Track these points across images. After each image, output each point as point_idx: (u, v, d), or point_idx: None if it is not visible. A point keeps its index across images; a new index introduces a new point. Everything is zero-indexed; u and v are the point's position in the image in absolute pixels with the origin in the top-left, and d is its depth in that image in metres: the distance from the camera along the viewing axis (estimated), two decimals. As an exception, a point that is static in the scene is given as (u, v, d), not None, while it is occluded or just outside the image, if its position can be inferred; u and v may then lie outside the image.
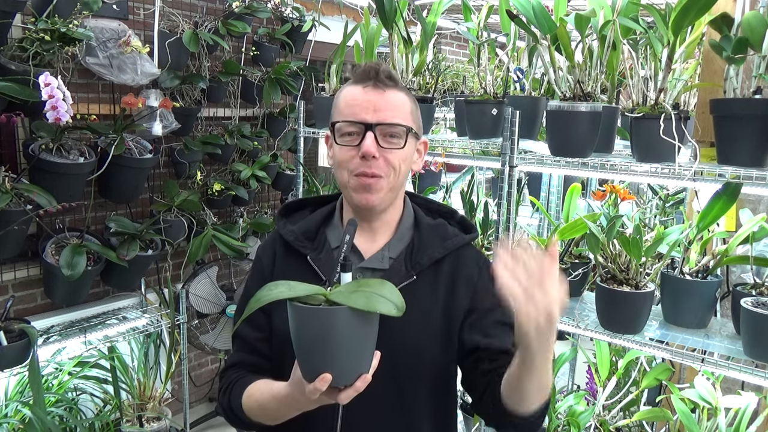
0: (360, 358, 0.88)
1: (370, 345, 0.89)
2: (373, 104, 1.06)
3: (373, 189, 1.07)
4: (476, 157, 2.67)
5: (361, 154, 1.05)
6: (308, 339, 0.86)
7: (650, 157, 1.56)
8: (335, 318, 0.83)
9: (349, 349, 0.86)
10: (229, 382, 1.13)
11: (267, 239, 1.24)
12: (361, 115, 1.06)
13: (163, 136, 2.69)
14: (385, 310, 0.83)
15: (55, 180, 2.22)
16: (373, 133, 1.05)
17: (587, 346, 2.46)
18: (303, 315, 0.85)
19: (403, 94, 1.10)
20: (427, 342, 1.12)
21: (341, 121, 1.08)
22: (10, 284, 2.47)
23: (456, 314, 1.14)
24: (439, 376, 1.14)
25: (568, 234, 1.87)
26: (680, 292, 1.65)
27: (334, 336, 0.84)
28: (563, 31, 1.63)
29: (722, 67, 1.46)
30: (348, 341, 0.85)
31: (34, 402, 2.05)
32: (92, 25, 2.42)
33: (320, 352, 0.86)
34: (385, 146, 1.07)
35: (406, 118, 1.09)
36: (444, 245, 1.15)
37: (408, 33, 2.07)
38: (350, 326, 0.84)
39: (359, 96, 1.08)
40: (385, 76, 1.08)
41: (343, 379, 0.87)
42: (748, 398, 1.70)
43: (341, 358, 0.86)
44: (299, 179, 2.74)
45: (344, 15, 3.34)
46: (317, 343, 0.85)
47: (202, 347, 3.06)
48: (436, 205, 1.26)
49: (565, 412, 2.09)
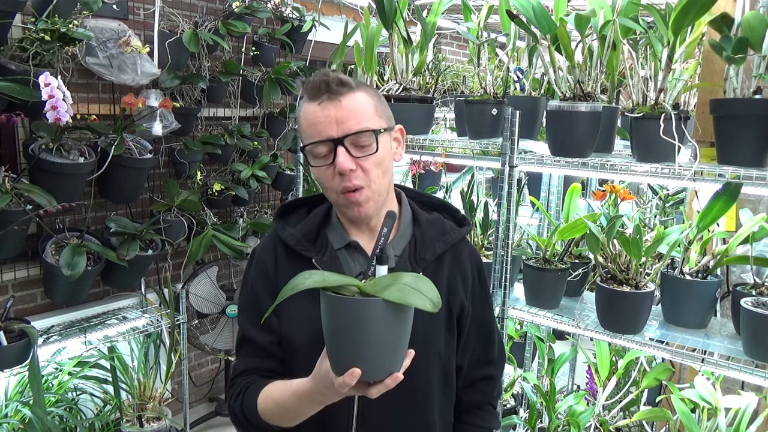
0: (391, 354, 0.86)
1: (404, 342, 0.87)
2: (333, 117, 1.03)
3: (362, 201, 1.06)
4: (476, 157, 2.67)
5: (338, 171, 1.03)
6: (340, 331, 0.84)
7: (650, 157, 1.56)
8: (369, 309, 0.82)
9: (381, 343, 0.84)
10: (243, 387, 1.11)
11: (265, 241, 1.21)
12: (326, 132, 1.03)
13: (163, 136, 2.69)
14: (419, 304, 0.81)
15: (55, 180, 2.22)
16: (344, 146, 1.03)
17: (587, 346, 2.46)
18: (336, 305, 0.83)
19: (360, 93, 1.06)
20: (434, 334, 1.14)
21: (309, 143, 1.05)
22: (10, 284, 2.47)
23: (455, 307, 1.16)
24: (444, 366, 1.17)
25: (568, 234, 1.87)
26: (680, 292, 1.65)
27: (365, 328, 0.82)
28: (563, 31, 1.63)
29: (722, 67, 1.46)
30: (380, 335, 0.83)
31: (34, 402, 2.05)
32: (92, 25, 2.42)
33: (351, 344, 0.84)
34: (359, 155, 1.04)
35: (372, 118, 1.05)
36: (444, 240, 1.16)
37: (408, 33, 2.07)
38: (383, 320, 0.82)
39: (318, 113, 1.04)
40: (336, 84, 1.03)
41: (373, 374, 0.85)
42: (748, 398, 1.70)
43: (372, 353, 0.84)
44: (299, 179, 2.74)
45: (344, 15, 3.34)
46: (348, 335, 0.83)
47: (202, 347, 3.06)
48: (427, 198, 1.26)
49: (565, 412, 2.09)
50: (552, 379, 2.20)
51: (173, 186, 2.84)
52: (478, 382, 1.25)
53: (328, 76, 1.03)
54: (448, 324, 1.16)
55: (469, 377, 1.24)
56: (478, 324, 1.22)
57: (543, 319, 1.86)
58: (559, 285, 1.88)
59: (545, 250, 1.94)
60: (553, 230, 1.93)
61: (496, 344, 1.27)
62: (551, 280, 1.87)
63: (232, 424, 2.83)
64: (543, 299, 1.89)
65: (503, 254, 1.90)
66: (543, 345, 2.41)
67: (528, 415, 2.18)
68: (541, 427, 2.19)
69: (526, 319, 1.94)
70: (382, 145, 1.06)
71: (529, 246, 2.18)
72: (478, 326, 1.22)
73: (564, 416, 2.08)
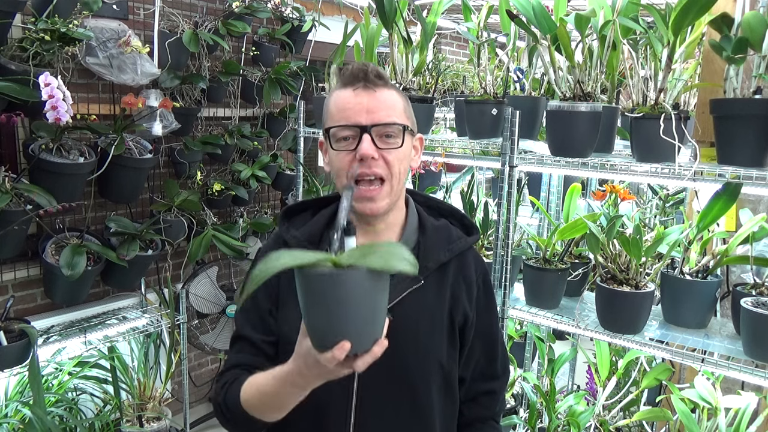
0: (375, 322, 0.85)
1: (383, 308, 0.87)
2: (365, 106, 1.04)
3: (375, 198, 1.06)
4: (476, 157, 2.66)
5: (359, 156, 1.03)
6: (321, 307, 0.82)
7: (650, 157, 1.56)
8: (352, 281, 0.80)
9: (366, 313, 0.83)
10: (229, 380, 1.10)
11: (269, 243, 1.21)
12: (355, 118, 1.04)
13: (163, 136, 2.69)
14: (402, 267, 0.79)
15: (55, 180, 2.22)
16: (369, 135, 1.04)
17: (587, 346, 2.46)
18: (318, 282, 0.81)
19: (393, 92, 1.09)
20: (436, 343, 1.12)
21: (335, 126, 1.06)
22: (10, 284, 2.46)
23: (458, 317, 1.14)
24: (446, 377, 1.15)
25: (568, 234, 1.87)
26: (680, 292, 1.65)
27: (350, 301, 0.81)
28: (563, 31, 1.63)
29: (722, 67, 1.46)
30: (364, 305, 0.82)
31: (34, 402, 2.05)
32: (92, 25, 2.42)
33: (335, 319, 0.83)
34: (383, 147, 1.05)
35: (400, 115, 1.07)
36: (449, 248, 1.14)
37: (408, 33, 2.07)
38: (365, 289, 0.82)
39: (350, 99, 1.05)
40: (374, 75, 1.06)
41: (360, 345, 0.84)
42: (748, 398, 1.70)
43: (358, 324, 0.83)
44: (299, 179, 2.74)
45: (344, 15, 3.34)
46: (332, 310, 0.82)
47: (202, 347, 3.07)
48: (436, 203, 1.24)
49: (565, 412, 2.09)
50: (552, 379, 2.20)
51: (173, 186, 2.84)
52: (481, 397, 1.23)
53: (368, 66, 1.06)
54: (451, 334, 1.14)
55: (472, 391, 1.21)
56: (482, 336, 1.19)
57: (543, 319, 1.86)
58: (559, 285, 1.88)
59: (545, 250, 1.94)
60: (553, 230, 1.93)
61: (500, 358, 1.24)
62: (551, 280, 1.87)
63: (232, 424, 2.72)
64: (543, 299, 1.89)
65: (503, 254, 1.90)
66: (543, 345, 2.41)
67: (528, 415, 2.18)
68: (541, 427, 2.19)
69: (526, 319, 1.94)
70: (406, 143, 1.08)
71: (529, 246, 2.18)
72: (482, 338, 1.19)
73: (564, 416, 2.08)
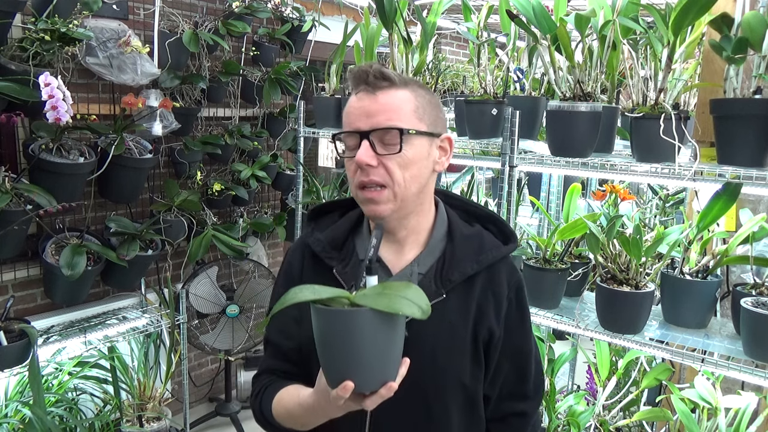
0: (384, 364, 0.84)
1: (396, 351, 0.85)
2: (365, 110, 1.00)
3: (378, 200, 1.02)
4: (476, 157, 2.66)
5: (355, 164, 1.00)
6: (331, 343, 0.83)
7: (650, 157, 1.56)
8: (357, 320, 0.80)
9: (373, 353, 0.82)
10: (261, 387, 1.12)
11: (296, 243, 1.19)
12: (355, 123, 1.01)
13: (163, 136, 2.69)
14: (408, 311, 0.79)
15: (55, 180, 2.22)
16: (368, 140, 0.99)
17: (587, 346, 2.46)
18: (325, 318, 0.82)
19: (403, 91, 1.02)
20: (456, 360, 1.07)
21: (339, 133, 1.04)
22: (10, 284, 2.47)
23: (482, 333, 1.08)
24: (468, 396, 1.10)
25: (568, 234, 1.87)
26: (680, 292, 1.65)
27: (356, 340, 0.81)
28: (563, 31, 1.63)
29: (722, 67, 1.46)
30: (371, 345, 0.82)
31: (34, 402, 2.05)
32: (92, 25, 2.42)
33: (343, 357, 0.83)
34: (382, 153, 1.00)
35: (406, 117, 1.00)
36: (478, 260, 1.07)
37: (408, 33, 2.07)
38: (373, 329, 0.81)
39: (354, 103, 1.03)
40: (376, 76, 1.00)
41: (366, 385, 0.83)
42: (748, 398, 1.70)
43: (364, 364, 0.82)
44: (299, 179, 2.74)
45: (344, 15, 3.34)
46: (340, 348, 0.82)
47: (202, 347, 3.06)
48: (474, 208, 1.17)
49: (565, 412, 2.09)
50: (552, 379, 2.20)
51: (173, 186, 2.84)
52: (510, 417, 1.16)
53: (370, 68, 1.01)
54: (474, 351, 1.07)
55: (500, 410, 1.15)
56: (511, 354, 1.12)
57: (543, 319, 1.86)
58: (559, 285, 1.88)
59: (545, 250, 1.94)
60: (553, 230, 1.93)
61: (532, 378, 1.16)
62: (551, 280, 1.87)
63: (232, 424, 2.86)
64: (543, 299, 1.89)
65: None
66: (543, 345, 2.41)
67: (528, 415, 2.17)
68: (542, 427, 2.19)
69: (526, 319, 1.94)
70: (411, 148, 1.01)
71: (529, 246, 2.18)
72: (512, 356, 1.12)
73: (564, 416, 2.08)
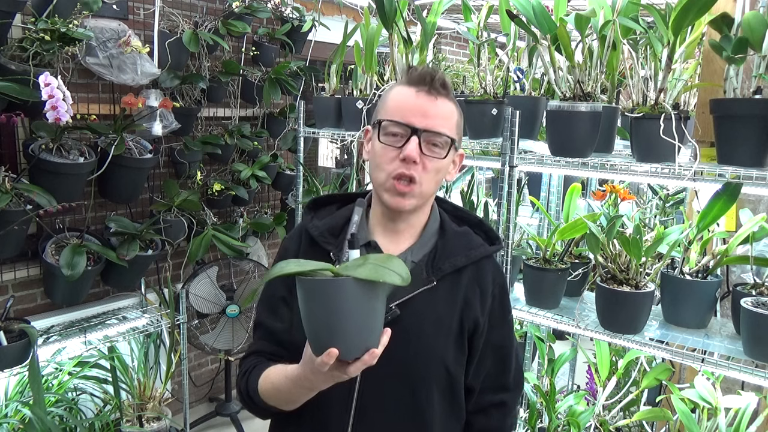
0: (367, 331, 0.88)
1: (378, 319, 0.90)
2: (423, 110, 1.07)
3: (407, 194, 1.08)
4: (476, 157, 2.66)
5: (403, 156, 1.05)
6: (316, 313, 0.87)
7: (650, 157, 1.56)
8: (340, 289, 0.84)
9: (356, 321, 0.87)
10: (249, 367, 1.15)
11: (294, 231, 1.25)
12: (410, 118, 1.06)
13: (163, 136, 2.69)
14: (389, 279, 0.84)
15: (55, 180, 2.22)
16: (419, 138, 1.06)
17: (587, 346, 2.46)
18: (310, 288, 0.86)
19: (452, 104, 1.11)
20: (442, 347, 1.13)
21: (388, 120, 1.08)
22: (10, 284, 2.46)
23: (468, 323, 1.15)
24: (450, 381, 1.15)
25: (568, 234, 1.87)
26: (680, 292, 1.65)
27: (340, 308, 0.85)
28: (563, 31, 1.63)
29: (722, 67, 1.46)
30: (354, 313, 0.86)
31: (34, 402, 2.05)
32: (92, 25, 2.42)
33: (327, 325, 0.87)
34: (427, 153, 1.07)
35: (452, 129, 1.09)
36: (467, 254, 1.15)
37: (408, 33, 2.08)
38: (356, 298, 0.85)
39: (411, 99, 1.08)
40: (439, 83, 1.08)
41: (350, 352, 0.87)
42: (748, 398, 1.70)
43: (347, 331, 0.86)
44: (299, 179, 2.74)
45: (344, 15, 3.34)
46: (324, 317, 0.86)
47: (202, 347, 3.06)
48: (463, 213, 1.25)
49: (565, 412, 2.09)
50: (552, 379, 2.20)
51: (173, 186, 2.84)
52: (491, 408, 1.22)
53: (436, 73, 1.08)
54: (459, 339, 1.14)
55: (482, 402, 1.21)
56: (493, 347, 1.19)
57: (543, 319, 1.86)
58: (559, 285, 1.88)
59: (545, 250, 1.94)
60: (553, 230, 1.93)
61: (513, 370, 1.23)
62: (551, 280, 1.87)
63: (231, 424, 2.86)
64: (543, 299, 1.89)
65: (503, 254, 1.90)
66: (543, 345, 2.41)
67: (528, 415, 2.18)
68: (541, 427, 2.19)
69: (526, 319, 1.94)
70: (447, 157, 1.10)
71: (529, 246, 2.18)
72: (494, 349, 1.19)
73: (564, 416, 2.08)
